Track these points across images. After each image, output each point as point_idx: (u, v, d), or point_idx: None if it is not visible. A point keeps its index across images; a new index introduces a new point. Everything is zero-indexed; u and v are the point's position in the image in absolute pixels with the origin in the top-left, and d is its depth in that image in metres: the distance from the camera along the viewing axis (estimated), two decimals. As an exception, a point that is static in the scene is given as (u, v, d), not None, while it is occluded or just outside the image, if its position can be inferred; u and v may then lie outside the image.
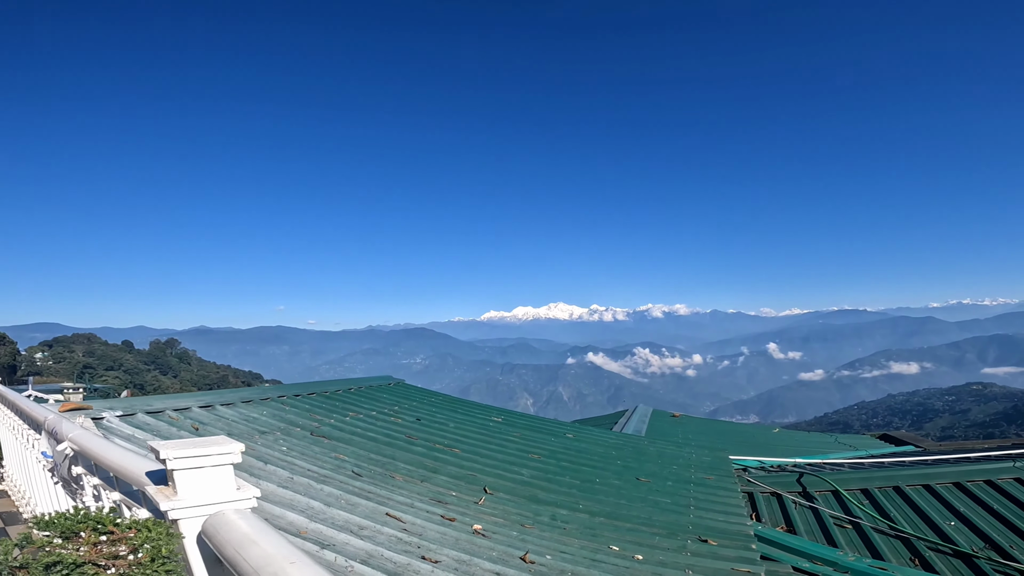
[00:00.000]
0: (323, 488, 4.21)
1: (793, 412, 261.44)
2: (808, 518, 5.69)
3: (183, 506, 2.14)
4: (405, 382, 9.64)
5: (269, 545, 1.73)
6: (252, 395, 6.49)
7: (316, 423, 5.98)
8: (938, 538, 4.97)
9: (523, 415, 8.71)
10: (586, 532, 4.33)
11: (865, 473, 6.53)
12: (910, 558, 4.74)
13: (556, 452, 6.49)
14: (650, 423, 12.04)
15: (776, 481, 6.63)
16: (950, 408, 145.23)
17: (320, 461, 4.82)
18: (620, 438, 7.93)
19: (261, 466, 4.40)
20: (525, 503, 4.75)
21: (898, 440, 11.37)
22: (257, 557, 1.69)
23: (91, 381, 61.47)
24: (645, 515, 4.79)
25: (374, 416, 6.78)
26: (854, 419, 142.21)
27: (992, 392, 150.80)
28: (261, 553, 1.70)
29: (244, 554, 1.74)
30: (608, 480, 5.67)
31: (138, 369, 79.67)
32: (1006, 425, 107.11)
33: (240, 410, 5.90)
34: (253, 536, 1.82)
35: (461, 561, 3.50)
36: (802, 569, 4.43)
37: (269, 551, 1.70)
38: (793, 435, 13.91)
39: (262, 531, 1.88)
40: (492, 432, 7.03)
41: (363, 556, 3.29)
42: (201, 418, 5.35)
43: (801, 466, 7.28)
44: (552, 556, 3.79)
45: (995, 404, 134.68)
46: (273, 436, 5.24)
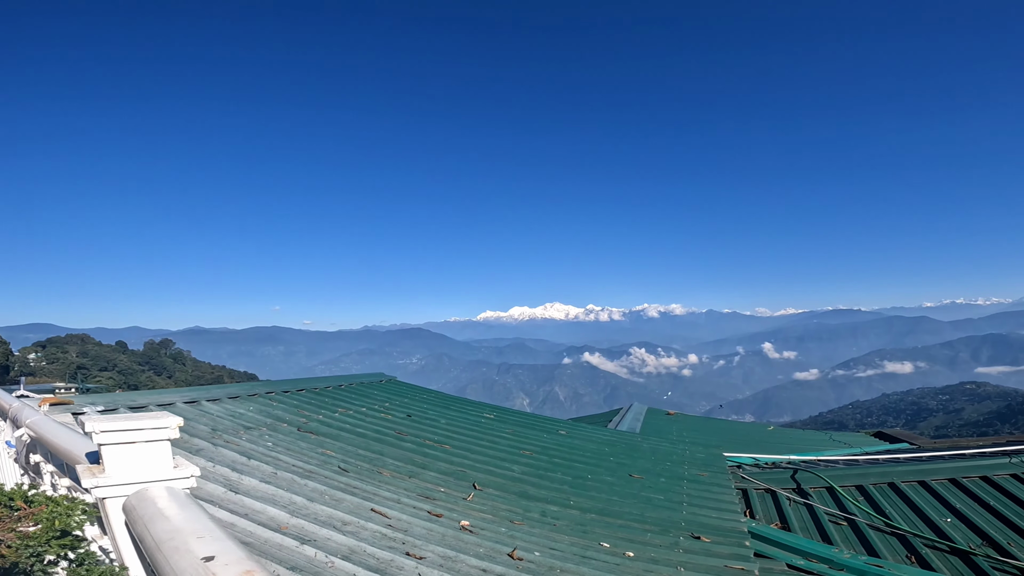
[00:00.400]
0: (307, 483, 4.12)
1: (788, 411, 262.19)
2: (803, 515, 5.61)
3: (108, 484, 1.98)
4: (397, 379, 9.54)
5: (179, 519, 1.62)
6: (239, 391, 6.38)
7: (304, 419, 5.88)
8: (934, 535, 4.89)
9: (516, 412, 8.63)
10: (577, 529, 4.25)
11: (860, 470, 6.46)
12: (906, 555, 4.67)
13: (548, 448, 6.40)
14: (645, 421, 11.99)
15: (770, 478, 6.56)
16: (944, 407, 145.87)
17: (306, 457, 4.72)
18: (614, 435, 7.85)
19: (244, 461, 4.30)
20: (515, 499, 4.67)
21: (893, 437, 11.34)
22: (161, 531, 1.58)
23: (84, 382, 61.13)
24: (637, 512, 4.71)
25: (364, 412, 6.68)
26: (849, 418, 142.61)
27: (986, 391, 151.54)
28: (167, 527, 1.59)
29: (151, 528, 1.63)
30: (600, 477, 5.59)
31: (132, 370, 79.21)
32: (1000, 424, 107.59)
33: (226, 406, 5.79)
34: (165, 511, 1.71)
35: (447, 557, 3.41)
36: (797, 566, 4.36)
37: (177, 525, 1.59)
38: (787, 433, 13.87)
39: (179, 506, 1.76)
40: (484, 428, 6.94)
41: (345, 552, 3.21)
42: (185, 413, 5.24)
43: (796, 463, 7.22)
44: (541, 552, 3.71)
45: (989, 403, 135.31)
46: (259, 432, 5.14)
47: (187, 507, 1.75)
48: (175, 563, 1.37)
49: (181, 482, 2.02)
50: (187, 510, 1.73)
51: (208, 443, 4.54)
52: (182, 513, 1.69)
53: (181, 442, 4.47)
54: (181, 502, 1.80)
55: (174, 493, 1.89)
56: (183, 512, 1.70)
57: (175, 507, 1.74)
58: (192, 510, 1.72)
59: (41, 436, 3.06)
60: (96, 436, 1.97)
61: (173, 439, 2.06)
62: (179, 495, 1.89)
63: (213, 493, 3.65)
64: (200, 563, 1.32)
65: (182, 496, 1.88)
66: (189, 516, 1.66)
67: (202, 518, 1.65)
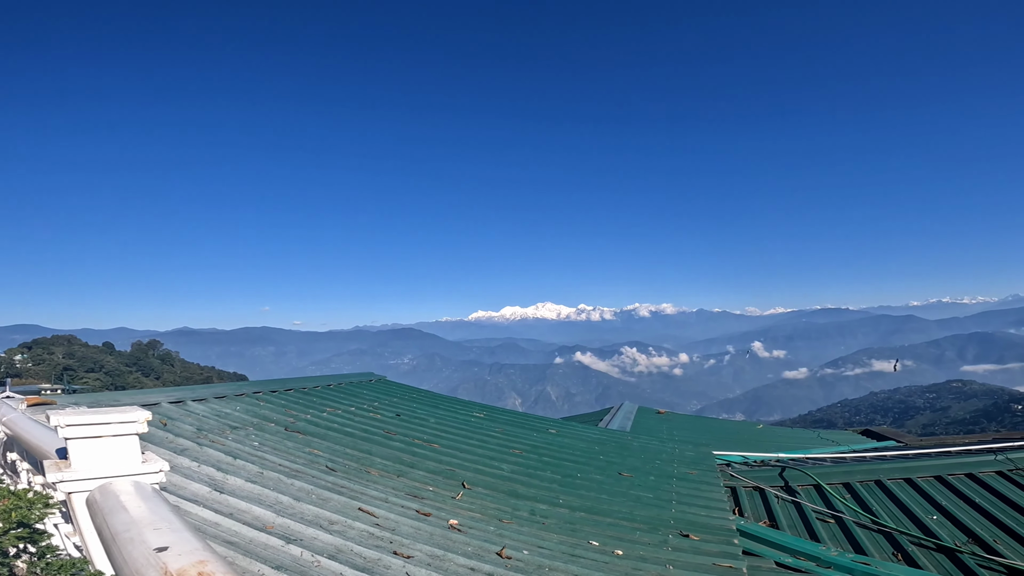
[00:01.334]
0: (294, 483, 4.08)
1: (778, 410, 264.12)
2: (791, 512, 5.63)
3: (73, 478, 1.95)
4: (387, 378, 9.49)
5: (138, 512, 1.58)
6: (226, 391, 6.31)
7: (291, 418, 5.82)
8: (920, 532, 4.91)
9: (506, 411, 8.61)
10: (566, 527, 4.24)
11: (847, 467, 6.50)
12: (893, 553, 4.68)
13: (538, 447, 6.39)
14: (635, 419, 12.02)
15: (759, 476, 6.58)
16: (931, 405, 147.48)
17: (293, 456, 4.68)
18: (603, 433, 7.85)
19: (230, 461, 4.25)
20: (504, 498, 4.65)
21: (879, 435, 11.43)
22: (118, 523, 1.55)
23: (71, 383, 60.39)
24: (626, 510, 4.71)
25: (352, 412, 6.64)
26: (837, 417, 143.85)
27: (972, 389, 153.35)
28: (125, 519, 1.56)
29: (109, 521, 1.60)
30: (590, 475, 5.58)
31: (119, 371, 78.36)
32: (986, 422, 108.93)
33: (212, 405, 5.73)
34: (126, 504, 1.67)
35: (435, 556, 3.39)
36: (785, 564, 4.37)
37: (135, 517, 1.56)
38: (776, 431, 13.96)
39: (141, 499, 1.73)
40: (473, 427, 6.92)
41: (331, 551, 3.18)
42: (170, 413, 5.18)
43: (784, 461, 7.25)
44: (530, 551, 3.69)
45: (975, 401, 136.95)
46: (245, 431, 5.09)
47: (150, 500, 1.72)
48: (127, 553, 1.35)
49: (149, 477, 1.98)
50: (149, 503, 1.70)
51: (193, 443, 4.48)
52: (144, 505, 1.66)
53: (166, 441, 4.42)
54: (145, 495, 1.77)
55: (140, 487, 1.85)
56: (145, 504, 1.67)
57: (137, 500, 1.71)
58: (154, 503, 1.69)
59: (16, 433, 3.01)
60: (62, 430, 1.93)
61: (142, 433, 2.02)
62: (144, 489, 1.84)
63: (198, 493, 3.60)
64: (152, 553, 1.30)
65: (147, 490, 1.84)
66: (150, 508, 1.63)
67: (163, 511, 1.62)
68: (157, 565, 1.24)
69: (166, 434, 4.59)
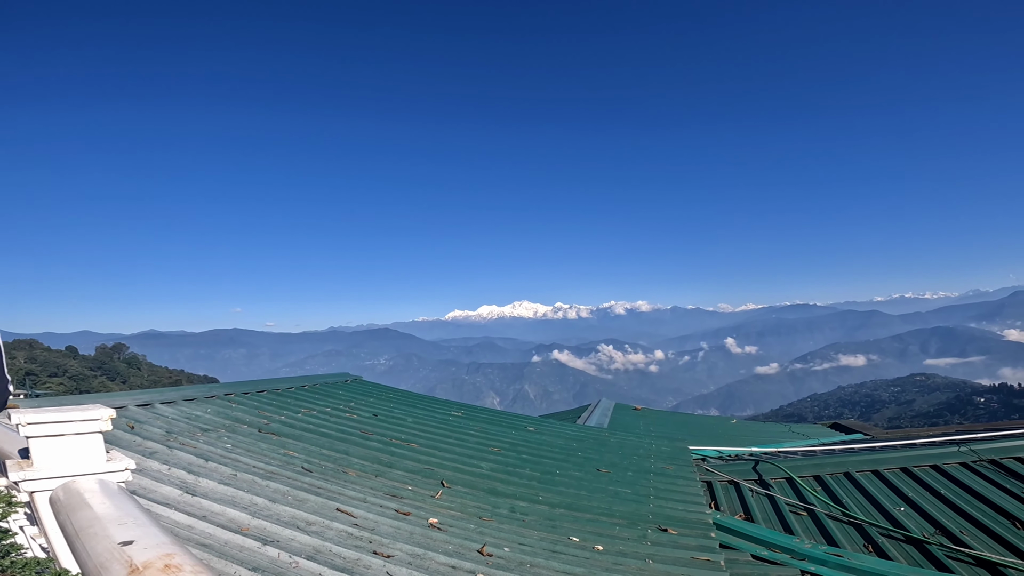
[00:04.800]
0: (269, 484, 4.00)
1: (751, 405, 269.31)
2: (765, 505, 5.74)
3: (35, 477, 1.90)
4: (363, 379, 9.38)
5: (103, 508, 1.55)
6: (196, 393, 6.16)
7: (265, 420, 5.71)
8: (889, 524, 5.02)
9: (484, 409, 8.59)
10: (546, 524, 4.24)
11: (817, 460, 6.64)
12: (864, 544, 4.78)
13: (517, 445, 6.39)
14: (612, 416, 12.12)
15: (733, 469, 6.69)
16: (896, 399, 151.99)
17: (267, 458, 4.58)
18: (582, 430, 7.89)
19: (202, 463, 4.15)
20: (484, 496, 4.63)
21: (848, 428, 11.73)
22: (82, 519, 1.52)
23: (34, 388, 58.39)
24: (605, 505, 4.74)
25: (328, 412, 6.54)
26: (807, 411, 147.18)
27: (935, 383, 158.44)
28: (89, 516, 1.53)
29: (72, 518, 1.57)
30: (569, 472, 5.60)
31: (84, 375, 75.91)
32: (949, 415, 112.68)
33: (182, 408, 5.58)
34: (89, 501, 1.64)
35: (415, 555, 3.36)
36: (761, 557, 4.45)
37: (99, 513, 1.53)
38: (749, 425, 14.23)
39: (106, 496, 1.69)
40: (451, 426, 6.89)
41: (309, 552, 3.13)
42: (138, 416, 5.03)
43: (757, 454, 7.39)
44: (510, 548, 3.69)
45: (938, 395, 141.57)
46: (217, 434, 4.97)
47: (115, 497, 1.67)
48: (91, 548, 1.31)
49: (115, 475, 1.93)
50: (114, 499, 1.65)
51: (163, 446, 4.36)
52: (108, 502, 1.62)
53: (134, 445, 4.29)
54: (110, 492, 1.72)
55: (104, 485, 1.80)
56: (109, 501, 1.63)
57: (102, 497, 1.67)
58: (119, 500, 1.64)
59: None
60: (23, 428, 1.88)
61: (107, 432, 1.96)
62: (109, 487, 1.80)
63: (169, 496, 3.51)
64: (117, 547, 1.25)
65: (112, 487, 1.79)
66: (115, 505, 1.59)
67: (128, 507, 1.58)
68: (122, 559, 1.20)
69: (134, 437, 4.45)
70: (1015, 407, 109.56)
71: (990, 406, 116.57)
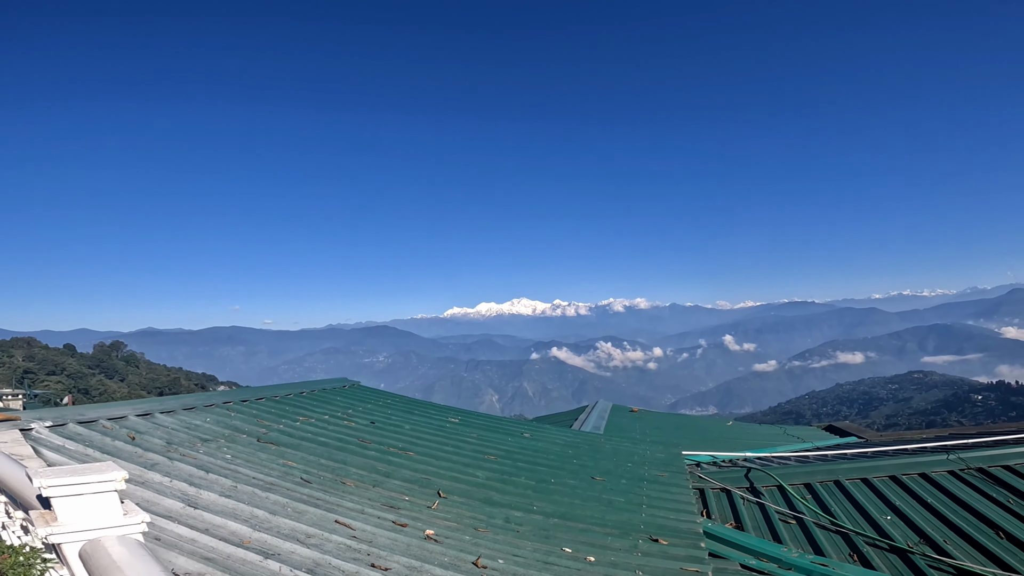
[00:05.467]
0: (269, 496, 4.08)
1: (749, 403, 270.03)
2: (755, 514, 5.83)
3: (63, 531, 2.12)
4: (360, 384, 9.46)
5: (134, 572, 1.72)
6: (195, 402, 6.23)
7: (264, 429, 5.79)
8: (875, 533, 5.10)
9: (481, 415, 8.67)
10: (540, 534, 4.33)
11: (809, 467, 6.73)
12: (849, 554, 4.86)
13: (512, 452, 6.47)
14: (609, 419, 12.20)
15: (726, 477, 6.79)
16: (894, 396, 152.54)
17: (267, 468, 4.67)
18: (577, 436, 7.98)
19: (202, 475, 4.23)
20: (479, 506, 4.72)
21: (842, 431, 11.85)
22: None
23: (31, 387, 58.40)
24: (598, 515, 4.82)
25: (326, 420, 6.62)
26: (806, 408, 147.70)
27: (932, 380, 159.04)
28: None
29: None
30: (563, 480, 5.69)
31: (82, 373, 75.95)
32: (947, 412, 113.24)
33: (181, 417, 5.66)
34: (119, 563, 1.80)
35: (412, 568, 3.45)
36: (748, 566, 4.53)
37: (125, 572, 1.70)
38: (745, 428, 14.34)
39: (133, 558, 1.86)
40: (448, 434, 6.96)
41: (310, 565, 3.21)
42: (138, 427, 5.11)
43: (750, 460, 7.48)
44: (505, 560, 3.77)
45: (935, 392, 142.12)
46: (216, 444, 5.05)
47: (140, 559, 1.85)
48: None
49: (132, 528, 2.12)
50: (140, 562, 1.82)
51: (164, 457, 4.44)
52: (135, 564, 1.79)
53: (135, 456, 4.37)
54: (135, 553, 1.88)
55: (126, 542, 1.98)
56: (135, 564, 1.80)
57: (127, 558, 1.84)
58: (145, 562, 1.82)
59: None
60: (45, 490, 2.07)
61: (120, 490, 2.17)
62: (130, 543, 1.98)
63: (171, 508, 3.59)
64: None
65: (133, 544, 1.97)
66: (143, 569, 1.75)
67: (153, 570, 1.73)
68: None
69: (135, 449, 4.53)
70: (1012, 404, 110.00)
71: (987, 403, 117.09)
